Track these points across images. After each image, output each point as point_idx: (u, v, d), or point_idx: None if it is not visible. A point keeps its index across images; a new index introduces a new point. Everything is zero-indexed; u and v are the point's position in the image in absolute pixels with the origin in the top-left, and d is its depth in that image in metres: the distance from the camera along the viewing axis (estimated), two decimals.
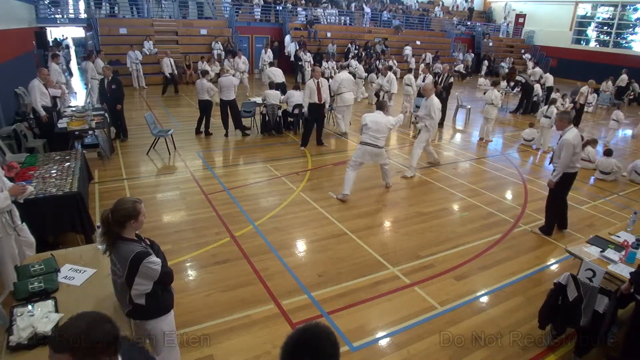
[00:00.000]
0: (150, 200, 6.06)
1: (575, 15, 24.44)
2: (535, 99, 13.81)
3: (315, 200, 6.26)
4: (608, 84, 16.66)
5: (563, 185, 5.32)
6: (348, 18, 22.65)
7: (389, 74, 11.84)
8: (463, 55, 23.68)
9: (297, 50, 17.87)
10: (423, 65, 14.52)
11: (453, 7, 27.90)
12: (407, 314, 3.90)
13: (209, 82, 9.08)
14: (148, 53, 15.71)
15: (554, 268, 4.91)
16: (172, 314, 2.75)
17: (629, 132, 12.18)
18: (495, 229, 5.69)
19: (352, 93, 9.79)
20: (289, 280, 4.34)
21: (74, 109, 8.23)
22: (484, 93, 11.55)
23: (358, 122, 11.52)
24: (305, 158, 8.30)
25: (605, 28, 23.94)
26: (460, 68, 20.84)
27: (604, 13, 24.13)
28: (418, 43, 22.47)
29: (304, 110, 8.64)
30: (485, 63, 23.11)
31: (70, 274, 3.01)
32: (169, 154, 8.10)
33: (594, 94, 14.68)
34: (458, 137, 11.03)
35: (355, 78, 15.63)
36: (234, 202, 6.13)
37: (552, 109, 9.50)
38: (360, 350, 3.46)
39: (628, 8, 22.83)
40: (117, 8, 17.24)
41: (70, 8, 17.24)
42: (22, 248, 3.78)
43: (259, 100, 10.02)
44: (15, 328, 2.38)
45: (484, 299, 4.23)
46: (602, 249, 3.91)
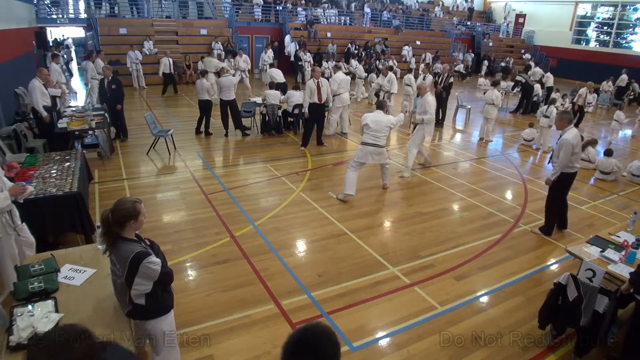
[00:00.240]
0: (150, 200, 6.06)
1: (575, 15, 24.44)
2: (535, 99, 13.81)
3: (315, 200, 6.26)
4: (608, 84, 16.66)
5: (562, 185, 5.32)
6: (348, 18, 22.65)
7: (390, 74, 11.85)
8: (463, 55, 23.68)
9: (297, 50, 17.88)
10: (423, 65, 14.52)
11: (453, 7, 27.90)
12: (407, 314, 3.90)
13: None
14: (148, 53, 15.70)
15: (554, 268, 4.91)
16: (172, 314, 2.75)
17: (629, 132, 12.18)
18: (495, 229, 5.69)
19: (347, 93, 9.80)
20: (289, 280, 4.34)
21: (74, 109, 8.23)
22: (484, 93, 11.55)
23: (358, 122, 11.55)
24: (305, 158, 8.30)
25: (605, 28, 23.94)
26: (460, 68, 20.84)
27: (604, 13, 24.13)
28: (418, 43, 22.47)
29: (304, 110, 8.64)
30: (485, 63, 23.11)
31: (70, 274, 3.01)
32: (169, 154, 8.10)
33: (594, 94, 14.68)
34: (458, 137, 11.03)
35: (355, 78, 15.73)
36: (234, 202, 6.13)
37: (551, 109, 9.50)
38: (360, 350, 3.46)
39: (628, 8, 22.83)
40: (117, 8, 17.24)
41: (70, 8, 17.24)
42: (22, 248, 3.77)
43: (259, 100, 10.02)
44: (15, 328, 2.38)
45: (484, 299, 4.23)
46: (602, 249, 3.91)
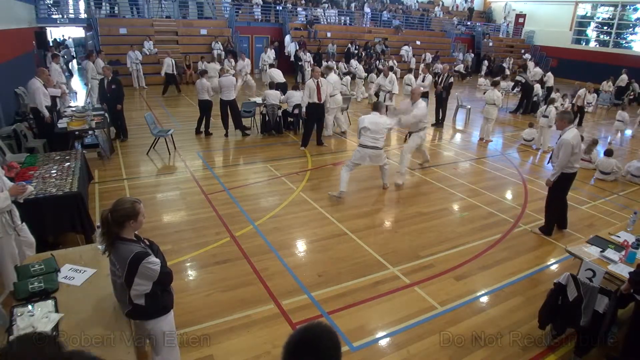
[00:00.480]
0: (150, 200, 6.06)
1: (575, 15, 24.43)
2: (535, 99, 13.81)
3: (315, 200, 6.26)
4: (608, 84, 16.66)
5: (562, 185, 5.32)
6: (348, 18, 22.65)
7: (390, 75, 11.85)
8: (463, 55, 23.68)
9: (297, 50, 17.88)
10: (423, 65, 14.51)
11: (452, 7, 27.89)
12: (407, 314, 3.90)
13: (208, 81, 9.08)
14: (148, 53, 15.71)
15: (554, 268, 4.91)
16: (171, 314, 2.75)
17: (629, 132, 12.17)
18: (495, 229, 5.69)
19: (340, 94, 9.81)
20: (289, 280, 4.34)
21: (74, 109, 8.23)
22: (484, 93, 11.55)
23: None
24: (305, 158, 8.30)
25: (605, 28, 23.94)
26: (460, 68, 20.85)
27: (604, 13, 24.12)
28: (418, 43, 22.47)
29: (302, 110, 8.63)
30: (485, 63, 23.11)
31: (70, 274, 3.01)
32: (169, 154, 8.10)
33: (594, 94, 14.69)
34: (458, 137, 11.03)
35: (355, 78, 15.73)
36: (234, 202, 6.13)
37: (550, 109, 9.52)
38: (360, 350, 3.46)
39: (628, 8, 22.82)
40: (117, 8, 17.24)
41: (70, 8, 17.23)
42: (22, 248, 3.78)
43: (259, 100, 10.02)
44: (15, 328, 2.39)
45: (484, 299, 4.23)
46: (602, 249, 3.91)
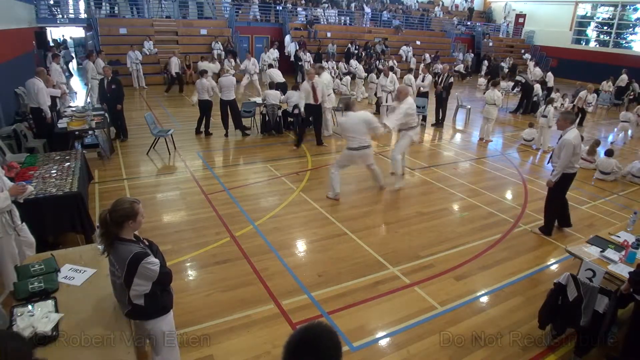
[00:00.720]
0: (150, 200, 6.06)
1: (575, 15, 24.44)
2: (535, 99, 13.80)
3: (315, 200, 6.26)
4: (608, 84, 16.65)
5: (562, 185, 5.32)
6: (348, 18, 22.65)
7: (391, 75, 11.84)
8: (463, 55, 23.67)
9: (297, 50, 17.87)
10: (422, 65, 14.51)
11: (452, 7, 27.88)
12: (407, 314, 3.90)
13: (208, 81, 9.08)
14: (148, 53, 15.71)
15: (554, 268, 4.91)
16: (171, 314, 2.75)
17: (629, 132, 12.13)
18: (495, 229, 5.69)
19: (334, 93, 9.81)
20: (289, 280, 4.34)
21: (74, 109, 8.24)
22: (484, 93, 11.55)
23: None
24: (305, 158, 8.30)
25: (605, 28, 23.94)
26: (460, 68, 20.85)
27: (604, 13, 24.13)
28: (418, 43, 22.47)
29: (300, 111, 8.62)
30: (485, 63, 23.10)
31: (70, 274, 3.01)
32: (169, 154, 8.10)
33: (594, 94, 14.70)
34: (458, 137, 11.02)
35: (355, 78, 15.73)
36: (234, 202, 6.13)
37: (549, 109, 9.53)
38: (360, 350, 3.46)
39: (628, 8, 22.83)
40: (117, 8, 17.24)
41: (70, 8, 17.24)
42: (22, 248, 3.78)
43: (259, 100, 10.02)
44: (15, 328, 2.38)
45: (484, 299, 4.23)
46: (602, 249, 3.91)
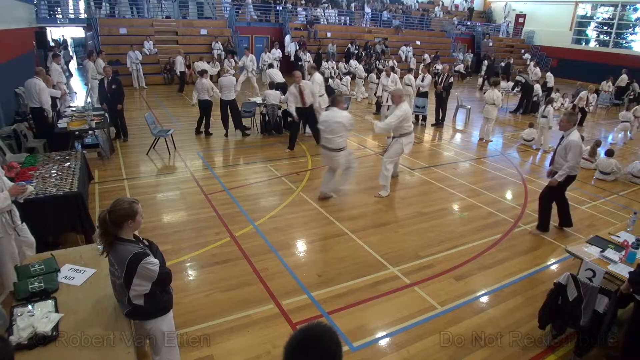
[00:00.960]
0: (150, 200, 6.06)
1: (575, 15, 24.43)
2: (535, 99, 13.81)
3: (315, 200, 6.26)
4: (608, 84, 16.65)
5: (564, 185, 5.29)
6: (348, 18, 22.65)
7: (392, 74, 11.84)
8: (463, 55, 23.67)
9: (297, 50, 17.88)
10: (422, 65, 14.52)
11: (452, 7, 27.88)
12: (407, 314, 3.90)
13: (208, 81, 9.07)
14: (148, 53, 15.71)
15: (554, 268, 4.91)
16: (171, 314, 2.75)
17: (628, 132, 12.14)
18: (495, 229, 5.69)
19: (326, 95, 9.74)
20: (289, 280, 4.34)
21: (74, 109, 8.24)
22: (484, 93, 11.55)
23: (358, 122, 11.55)
24: (305, 158, 8.30)
25: (605, 28, 23.94)
26: (460, 68, 20.84)
27: (604, 13, 24.12)
28: (418, 43, 22.47)
29: (294, 115, 8.60)
30: (485, 63, 23.09)
31: (70, 274, 3.01)
32: (169, 154, 8.10)
33: (594, 94, 14.69)
34: (458, 137, 11.03)
35: (355, 78, 15.73)
36: (234, 202, 6.13)
37: (548, 109, 9.54)
38: (361, 350, 3.46)
39: (628, 8, 22.82)
40: (117, 8, 17.24)
41: (70, 8, 17.24)
42: (22, 248, 3.78)
43: (259, 100, 10.02)
44: (15, 328, 2.39)
45: (484, 299, 4.23)
46: (602, 249, 3.91)
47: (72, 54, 19.89)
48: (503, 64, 20.27)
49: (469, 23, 26.45)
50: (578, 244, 4.12)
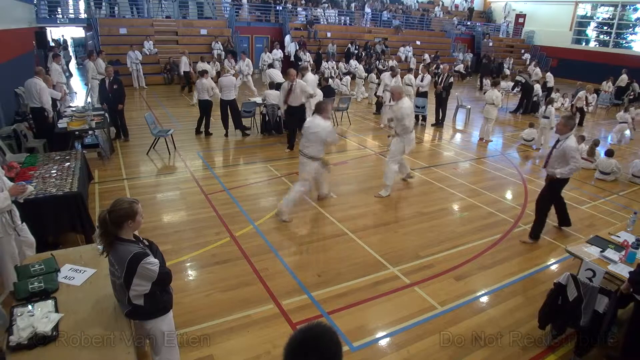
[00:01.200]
0: (150, 200, 6.06)
1: (575, 15, 24.44)
2: (535, 99, 13.81)
3: (315, 200, 6.26)
4: (608, 84, 16.65)
5: (559, 187, 5.24)
6: (348, 18, 22.66)
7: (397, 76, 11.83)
8: (463, 55, 23.67)
9: (297, 50, 17.88)
10: (422, 65, 14.53)
11: (452, 7, 27.88)
12: (407, 314, 3.90)
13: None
14: (148, 53, 15.71)
15: (554, 268, 4.91)
16: (171, 314, 2.75)
17: (628, 132, 12.15)
18: (495, 229, 5.69)
19: (321, 94, 9.67)
20: (289, 280, 4.34)
21: (74, 109, 8.24)
22: (484, 93, 11.56)
23: (358, 122, 11.57)
24: None
25: (605, 28, 23.94)
26: (460, 68, 20.85)
27: (604, 13, 24.12)
28: (418, 43, 22.47)
29: (281, 111, 8.58)
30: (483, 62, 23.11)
31: (70, 274, 3.01)
32: (169, 154, 8.10)
33: (594, 94, 14.70)
34: (458, 137, 11.03)
35: (355, 78, 15.72)
36: (234, 202, 6.13)
37: (550, 109, 9.54)
38: (361, 350, 3.46)
39: (628, 8, 22.83)
40: (117, 8, 17.24)
41: (70, 8, 17.25)
42: (22, 248, 3.78)
43: (259, 100, 10.02)
44: (15, 328, 2.38)
45: (484, 299, 4.23)
46: (602, 249, 3.91)
47: (72, 54, 19.88)
48: (496, 64, 20.32)
49: (469, 23, 26.45)
50: (578, 244, 4.13)
